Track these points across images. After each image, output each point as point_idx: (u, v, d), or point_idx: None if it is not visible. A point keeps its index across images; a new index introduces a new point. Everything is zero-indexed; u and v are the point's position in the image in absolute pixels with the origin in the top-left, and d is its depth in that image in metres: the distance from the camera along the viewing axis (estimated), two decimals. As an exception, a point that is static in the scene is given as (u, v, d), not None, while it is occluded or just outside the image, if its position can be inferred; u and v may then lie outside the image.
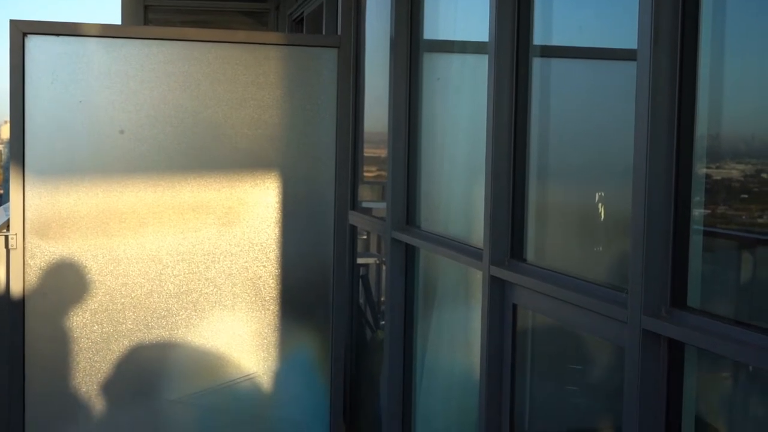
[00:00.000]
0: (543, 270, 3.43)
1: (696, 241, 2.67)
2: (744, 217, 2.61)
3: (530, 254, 3.62)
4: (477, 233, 3.91)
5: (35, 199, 4.91)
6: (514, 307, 3.61)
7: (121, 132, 4.89)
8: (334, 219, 5.27)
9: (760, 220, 2.56)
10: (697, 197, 2.66)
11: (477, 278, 3.90)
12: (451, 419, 4.61)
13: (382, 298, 5.38)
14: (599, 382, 3.36)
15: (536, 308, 3.53)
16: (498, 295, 3.67)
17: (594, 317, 3.00)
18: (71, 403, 5.03)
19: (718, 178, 2.67)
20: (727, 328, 2.43)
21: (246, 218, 5.20)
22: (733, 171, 2.64)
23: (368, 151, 5.96)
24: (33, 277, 4.93)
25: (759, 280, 2.66)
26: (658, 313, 2.64)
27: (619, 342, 2.84)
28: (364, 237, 6.19)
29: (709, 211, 2.68)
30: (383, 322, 5.15)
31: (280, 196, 5.23)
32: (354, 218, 5.69)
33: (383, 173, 5.26)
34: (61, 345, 4.98)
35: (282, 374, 5.31)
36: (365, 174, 5.97)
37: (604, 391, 3.29)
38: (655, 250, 2.65)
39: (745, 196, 2.60)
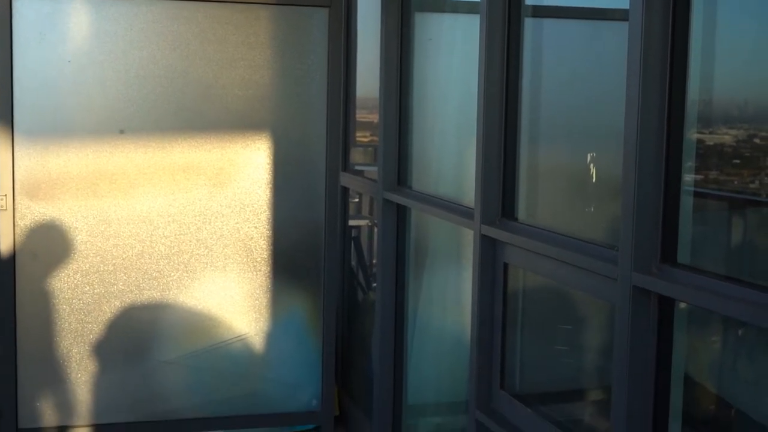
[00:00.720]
0: (534, 229, 3.43)
1: (687, 201, 2.68)
2: (736, 182, 2.62)
3: (521, 213, 3.62)
4: (468, 193, 3.91)
5: (24, 160, 4.88)
6: (505, 266, 3.62)
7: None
8: (326, 180, 5.26)
9: (752, 186, 2.57)
10: (689, 162, 2.66)
11: (468, 238, 3.91)
12: (443, 379, 4.64)
13: (374, 261, 5.38)
14: (590, 340, 3.38)
15: (527, 267, 3.54)
16: (489, 255, 3.67)
17: (585, 275, 3.01)
18: (63, 364, 5.04)
19: (711, 143, 2.68)
20: (716, 283, 2.45)
21: (237, 179, 5.18)
22: (726, 136, 2.65)
23: (361, 116, 5.94)
24: (23, 238, 4.92)
25: (749, 239, 2.67)
26: (648, 269, 2.65)
27: (609, 299, 2.85)
28: (357, 200, 6.18)
29: (701, 176, 2.69)
30: (375, 285, 5.16)
31: (271, 157, 5.21)
32: (345, 179, 5.68)
33: (376, 138, 5.24)
34: (52, 306, 4.98)
35: (274, 335, 5.33)
36: (358, 139, 5.95)
37: (595, 349, 3.31)
38: (645, 208, 2.65)
39: (737, 161, 2.61)
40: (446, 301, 4.58)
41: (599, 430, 3.11)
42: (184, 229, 5.12)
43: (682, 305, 2.68)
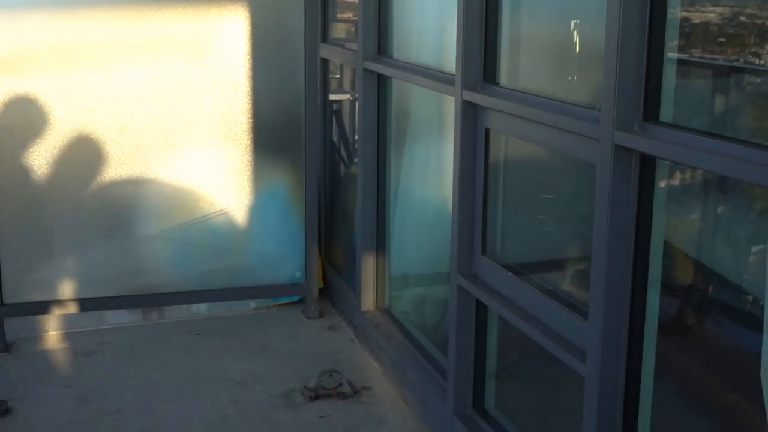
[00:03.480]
0: (516, 93, 3.39)
1: (669, 66, 2.63)
2: (719, 54, 2.60)
3: (503, 78, 3.57)
4: (449, 60, 3.84)
5: (-5, 33, 4.76)
6: (487, 131, 3.59)
7: None
8: (305, 51, 5.17)
9: (737, 64, 2.53)
10: (672, 30, 2.61)
11: (450, 107, 3.86)
12: (425, 247, 4.67)
13: (356, 137, 5.33)
14: (572, 207, 3.37)
15: (509, 131, 3.52)
16: (470, 120, 3.64)
17: (567, 136, 2.99)
18: (45, 240, 5.03)
19: (697, 21, 2.63)
20: (699, 139, 2.43)
21: (214, 52, 5.08)
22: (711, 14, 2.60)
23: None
24: (-1, 113, 4.84)
25: (731, 100, 2.65)
26: (630, 128, 2.63)
27: (591, 159, 2.84)
28: (338, 76, 6.09)
29: (683, 42, 2.64)
30: (357, 159, 5.13)
31: (250, 29, 5.10)
32: (325, 51, 5.58)
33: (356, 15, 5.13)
34: (32, 182, 4.93)
35: (256, 208, 5.32)
36: (339, 16, 5.83)
37: (576, 215, 3.31)
38: (628, 68, 2.61)
39: (723, 39, 2.57)
40: (428, 171, 4.56)
41: (579, 293, 3.14)
42: (163, 103, 5.04)
43: (664, 164, 2.66)
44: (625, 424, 2.87)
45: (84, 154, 4.98)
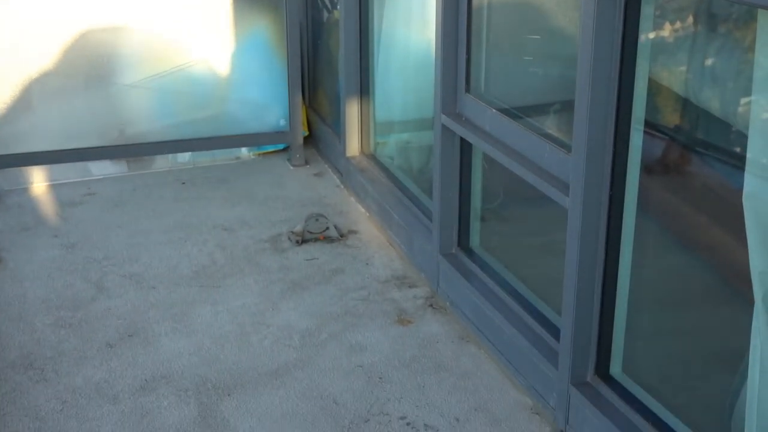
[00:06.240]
0: None
1: None
2: None
3: None
4: None
5: None
6: (470, -34, 3.49)
7: None
8: None
9: None
10: None
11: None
12: (410, 92, 4.61)
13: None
14: (558, 45, 3.31)
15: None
16: (454, -45, 3.53)
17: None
18: (25, 91, 4.95)
19: None
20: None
21: None
22: None
23: None
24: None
25: None
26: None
27: (575, -12, 2.76)
28: None
29: None
30: (339, 3, 5.00)
31: None
32: None
33: None
34: (8, 33, 4.82)
35: (238, 56, 5.23)
36: None
37: (560, 57, 3.25)
38: None
39: None
40: (412, 13, 4.46)
41: (564, 130, 3.11)
42: (137, -54, 4.88)
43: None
44: (607, 259, 2.89)
45: (62, 1, 4.84)
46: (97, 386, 3.36)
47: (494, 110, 3.42)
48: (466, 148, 3.71)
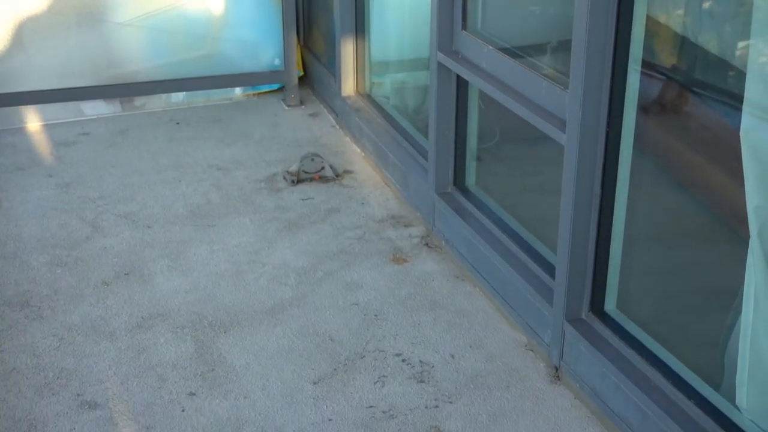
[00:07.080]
0: None
1: None
2: None
3: None
4: None
5: None
6: None
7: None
8: None
9: None
10: None
11: None
12: (406, 31, 4.57)
13: None
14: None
15: None
16: None
17: None
18: (17, 29, 4.89)
19: None
20: None
21: None
22: None
23: None
24: None
25: None
26: None
27: None
28: None
29: None
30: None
31: None
32: None
33: None
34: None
35: (231, -5, 5.18)
36: None
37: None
38: None
39: None
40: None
41: (561, 68, 3.09)
42: None
43: None
44: (603, 196, 2.89)
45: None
46: (94, 323, 3.38)
47: (491, 48, 3.39)
48: (462, 86, 3.69)
